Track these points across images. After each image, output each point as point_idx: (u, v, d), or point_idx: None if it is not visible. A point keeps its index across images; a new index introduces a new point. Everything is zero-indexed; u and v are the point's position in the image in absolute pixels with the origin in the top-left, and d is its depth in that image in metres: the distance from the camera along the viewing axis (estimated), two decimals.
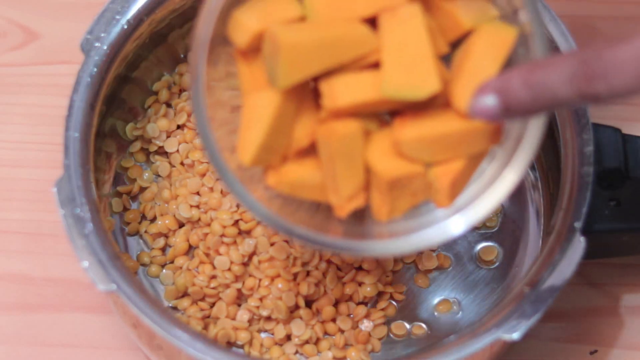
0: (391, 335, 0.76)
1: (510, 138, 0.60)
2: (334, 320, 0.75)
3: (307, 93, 0.60)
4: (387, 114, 0.61)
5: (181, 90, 0.81)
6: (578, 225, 0.68)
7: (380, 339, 0.75)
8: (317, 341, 0.75)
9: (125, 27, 0.73)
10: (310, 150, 0.60)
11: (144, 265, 0.76)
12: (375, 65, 0.58)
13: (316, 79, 0.59)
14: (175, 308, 0.75)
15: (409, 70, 0.57)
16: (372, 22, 0.58)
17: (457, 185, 0.60)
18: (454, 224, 0.60)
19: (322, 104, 0.58)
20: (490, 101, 0.54)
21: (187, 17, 0.79)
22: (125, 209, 0.78)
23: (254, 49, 0.60)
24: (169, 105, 0.80)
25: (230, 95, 0.63)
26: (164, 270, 0.76)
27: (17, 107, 0.83)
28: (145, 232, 0.77)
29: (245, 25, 0.59)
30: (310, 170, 0.60)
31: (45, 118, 0.82)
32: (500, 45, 0.58)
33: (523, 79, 0.53)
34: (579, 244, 0.67)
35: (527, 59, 0.58)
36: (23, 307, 0.77)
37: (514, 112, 0.54)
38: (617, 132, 0.71)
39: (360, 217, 0.62)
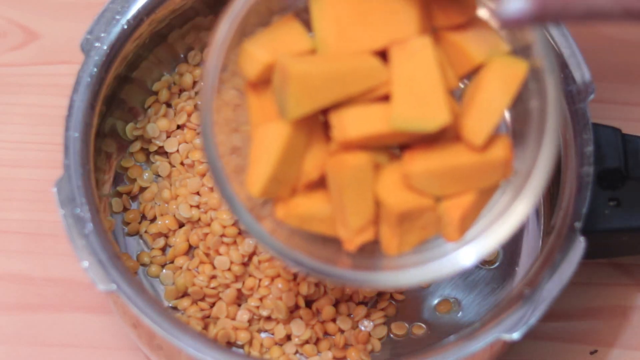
0: (391, 336, 0.76)
1: (519, 174, 0.60)
2: (334, 320, 0.75)
3: (317, 125, 0.60)
4: (396, 147, 0.61)
5: (181, 90, 0.81)
6: (578, 225, 0.68)
7: (380, 339, 0.75)
8: (317, 341, 0.75)
9: (125, 27, 0.72)
10: (320, 184, 0.60)
11: (144, 265, 0.76)
12: (386, 98, 0.58)
13: (326, 111, 0.59)
14: (175, 308, 0.75)
15: (419, 103, 0.56)
16: (382, 54, 0.58)
17: (467, 219, 0.59)
18: (464, 255, 0.60)
19: (332, 136, 0.58)
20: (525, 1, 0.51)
21: (187, 17, 0.79)
22: (125, 209, 0.78)
23: (264, 81, 0.60)
24: (169, 105, 0.80)
25: (237, 124, 0.63)
26: (164, 270, 0.76)
27: (17, 107, 0.83)
28: (145, 232, 0.77)
29: (255, 57, 0.59)
30: (319, 204, 0.60)
31: (45, 118, 0.82)
32: (511, 79, 0.58)
33: None
34: (579, 244, 0.67)
35: (539, 94, 0.58)
36: (23, 307, 0.77)
37: (547, 14, 0.51)
38: (617, 132, 0.71)
39: (369, 251, 0.61)
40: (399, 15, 0.58)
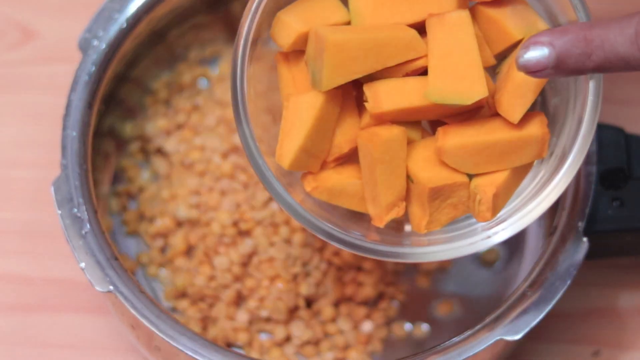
0: (392, 336, 0.75)
1: (554, 155, 0.59)
2: (334, 320, 0.75)
3: (350, 99, 0.59)
4: (428, 126, 0.60)
5: (180, 89, 0.80)
6: (581, 225, 0.68)
7: (381, 340, 0.75)
8: (317, 342, 0.74)
9: (124, 25, 0.72)
10: (350, 159, 0.60)
11: (142, 265, 0.76)
12: (421, 72, 0.58)
13: (358, 84, 0.59)
14: (174, 309, 0.75)
15: (455, 77, 0.56)
16: (419, 29, 0.58)
17: (500, 198, 0.59)
18: (496, 231, 0.59)
19: (366, 108, 0.58)
20: (542, 53, 0.52)
21: (186, 15, 0.79)
22: (124, 209, 0.78)
23: (296, 53, 0.60)
24: (168, 104, 0.80)
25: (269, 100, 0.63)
26: (163, 271, 0.76)
27: (15, 106, 0.83)
28: (144, 232, 0.77)
29: (289, 26, 0.59)
30: (349, 178, 0.60)
31: (43, 117, 0.82)
32: None
33: (581, 34, 0.51)
34: (582, 244, 0.67)
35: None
36: (21, 308, 0.77)
37: (565, 69, 0.52)
38: (620, 132, 0.71)
39: (397, 229, 0.61)
40: None
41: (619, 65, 0.51)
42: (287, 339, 0.74)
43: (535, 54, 0.53)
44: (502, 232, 0.59)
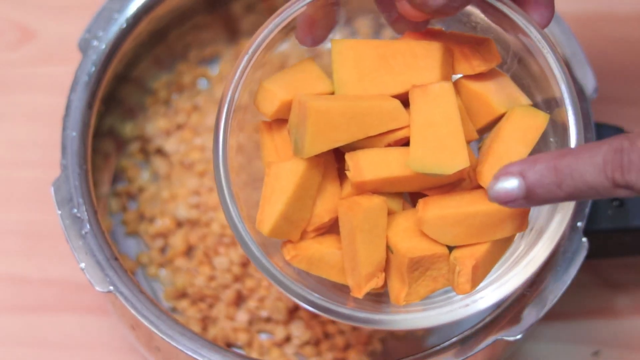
0: (392, 336, 0.75)
1: (534, 230, 0.59)
2: (334, 321, 0.74)
3: (331, 170, 0.60)
4: (408, 199, 0.60)
5: (180, 90, 0.80)
6: (581, 225, 0.67)
7: (381, 340, 0.75)
8: (317, 342, 0.74)
9: (124, 25, 0.72)
10: (331, 230, 0.60)
11: (142, 265, 0.76)
12: (403, 143, 0.58)
13: (341, 157, 0.59)
14: (174, 309, 0.75)
15: (437, 147, 0.56)
16: (402, 100, 0.58)
17: (480, 271, 0.59)
18: (476, 300, 0.59)
19: (348, 177, 0.58)
20: (511, 184, 0.52)
21: (186, 16, 0.79)
22: (124, 209, 0.78)
23: (278, 122, 0.60)
24: (168, 104, 0.80)
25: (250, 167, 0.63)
26: (163, 271, 0.76)
27: (14, 106, 0.83)
28: (144, 232, 0.77)
29: (273, 94, 0.59)
30: (328, 248, 0.59)
31: (42, 117, 0.82)
32: (531, 129, 0.58)
33: (551, 163, 0.52)
34: (582, 244, 0.67)
35: (560, 147, 0.58)
36: (21, 308, 0.77)
37: (536, 199, 0.52)
38: (619, 132, 0.71)
39: (376, 301, 0.61)
40: (421, 61, 0.58)
41: (590, 194, 0.51)
42: (287, 339, 0.74)
43: (506, 185, 0.53)
44: (480, 300, 0.58)
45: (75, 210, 0.67)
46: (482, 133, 0.60)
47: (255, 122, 0.62)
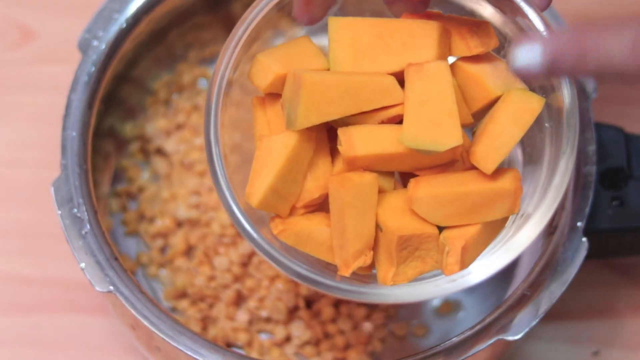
0: (392, 336, 0.75)
1: (525, 215, 0.59)
2: (334, 321, 0.75)
3: (323, 146, 0.59)
4: (400, 180, 0.60)
5: (180, 90, 0.80)
6: (581, 225, 0.67)
7: (381, 340, 0.75)
8: (317, 342, 0.74)
9: (124, 25, 0.72)
10: (320, 208, 0.60)
11: (142, 265, 0.76)
12: (396, 120, 0.58)
13: (333, 135, 0.59)
14: (174, 309, 0.75)
15: (431, 124, 0.56)
16: (398, 79, 0.58)
17: (469, 253, 0.58)
18: (461, 275, 0.58)
19: (340, 153, 0.58)
20: (536, 51, 0.51)
21: (186, 15, 0.79)
22: (124, 209, 0.78)
23: (272, 96, 0.60)
24: (168, 104, 0.80)
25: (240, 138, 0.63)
26: (163, 271, 0.76)
27: (14, 106, 0.83)
28: (144, 232, 0.77)
29: (268, 67, 0.59)
30: (317, 225, 0.59)
31: (42, 117, 0.82)
32: (526, 112, 0.58)
33: (577, 36, 0.50)
34: (582, 244, 0.67)
35: (555, 133, 0.58)
36: (20, 309, 0.77)
37: (558, 68, 0.51)
38: (619, 131, 0.71)
39: (363, 282, 0.61)
40: (418, 40, 0.58)
41: (614, 78, 0.49)
42: (287, 339, 0.74)
43: (528, 53, 0.51)
44: (468, 276, 0.58)
45: (75, 210, 0.67)
46: (477, 118, 0.60)
47: (248, 101, 0.61)
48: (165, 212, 0.76)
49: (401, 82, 0.58)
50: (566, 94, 0.58)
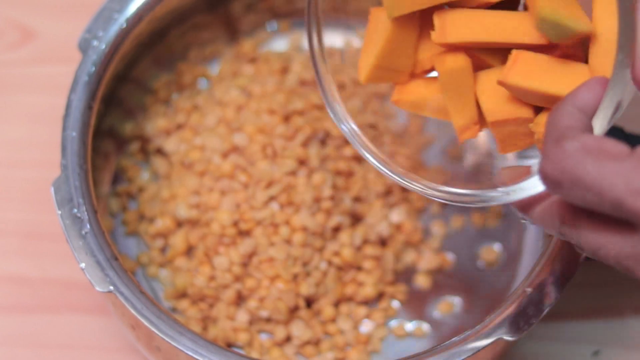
0: (392, 336, 0.75)
1: None
2: (334, 320, 0.74)
3: (430, 19, 0.59)
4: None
5: (180, 89, 0.80)
6: None
7: (381, 340, 0.75)
8: (317, 342, 0.74)
9: (124, 25, 0.72)
10: None
11: (142, 265, 0.76)
12: (493, 6, 0.57)
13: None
14: (174, 309, 0.75)
15: (565, 4, 0.54)
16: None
17: None
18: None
19: (431, 37, 0.58)
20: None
21: (186, 15, 0.79)
22: (124, 209, 0.78)
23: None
24: (168, 104, 0.80)
25: None
26: (163, 271, 0.76)
27: (14, 106, 0.83)
28: (144, 232, 0.77)
29: None
30: (433, 92, 0.60)
31: (42, 117, 0.82)
32: None
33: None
34: None
35: None
36: (21, 308, 0.77)
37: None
38: (619, 132, 0.71)
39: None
40: None
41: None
42: (287, 339, 0.74)
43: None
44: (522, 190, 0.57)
45: (75, 210, 0.67)
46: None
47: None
48: (165, 212, 0.76)
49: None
50: None
